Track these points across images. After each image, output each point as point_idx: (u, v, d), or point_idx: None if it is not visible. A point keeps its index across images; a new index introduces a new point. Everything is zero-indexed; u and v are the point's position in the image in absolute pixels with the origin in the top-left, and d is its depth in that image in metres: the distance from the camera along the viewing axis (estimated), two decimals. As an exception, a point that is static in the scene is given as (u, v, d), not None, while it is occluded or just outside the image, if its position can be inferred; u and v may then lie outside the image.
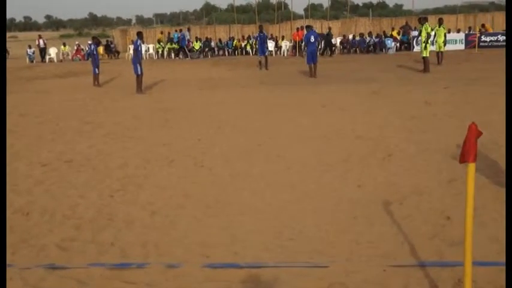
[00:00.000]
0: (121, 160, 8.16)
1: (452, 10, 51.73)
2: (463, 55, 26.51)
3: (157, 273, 4.33)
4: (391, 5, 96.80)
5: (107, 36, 50.56)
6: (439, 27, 21.42)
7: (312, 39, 19.91)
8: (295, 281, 4.12)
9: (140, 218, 5.67)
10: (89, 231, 5.33)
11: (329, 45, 31.75)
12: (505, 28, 33.97)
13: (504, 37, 31.93)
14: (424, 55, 19.05)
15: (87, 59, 33.49)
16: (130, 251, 4.79)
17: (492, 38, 32.07)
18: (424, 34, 18.93)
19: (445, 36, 21.98)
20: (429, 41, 18.96)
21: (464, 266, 3.39)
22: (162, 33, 38.90)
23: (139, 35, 17.80)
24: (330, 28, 34.37)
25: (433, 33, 19.71)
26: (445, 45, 22.17)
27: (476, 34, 31.67)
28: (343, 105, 12.32)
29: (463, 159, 3.25)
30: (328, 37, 31.89)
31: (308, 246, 4.74)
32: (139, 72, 16.74)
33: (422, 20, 19.82)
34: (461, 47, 31.29)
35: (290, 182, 6.76)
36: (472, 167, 3.24)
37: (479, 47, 29.79)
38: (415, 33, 33.84)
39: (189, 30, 36.75)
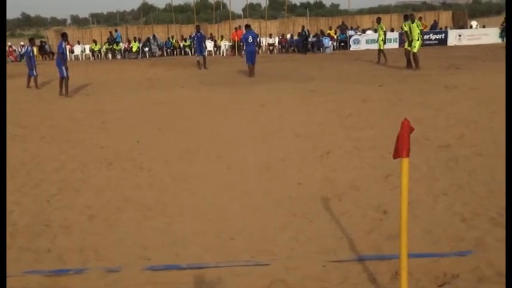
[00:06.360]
0: (57, 164, 7.95)
1: (386, 10, 53.02)
2: (397, 53, 27.17)
3: (96, 279, 4.24)
4: (327, 5, 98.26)
5: (41, 37, 49.05)
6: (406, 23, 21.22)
7: (250, 39, 19.92)
8: (237, 280, 4.13)
9: (78, 222, 5.54)
10: (24, 238, 5.17)
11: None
12: (430, 28, 35.34)
13: (436, 36, 33.20)
14: (414, 51, 19.05)
15: (20, 60, 32.50)
16: (68, 257, 4.68)
17: (424, 37, 33.13)
18: (417, 32, 18.90)
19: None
20: (420, 38, 18.94)
21: (400, 258, 3.49)
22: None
23: (64, 36, 17.44)
24: (303, 27, 34.90)
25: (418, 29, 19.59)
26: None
27: (409, 33, 32.61)
28: (282, 104, 12.41)
29: (397, 154, 3.32)
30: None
31: (249, 245, 4.76)
32: (64, 75, 16.29)
33: (411, 17, 19.56)
34: (396, 45, 32.11)
35: (230, 181, 6.77)
36: (405, 162, 3.31)
37: (412, 45, 30.61)
38: (352, 32, 34.76)
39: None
